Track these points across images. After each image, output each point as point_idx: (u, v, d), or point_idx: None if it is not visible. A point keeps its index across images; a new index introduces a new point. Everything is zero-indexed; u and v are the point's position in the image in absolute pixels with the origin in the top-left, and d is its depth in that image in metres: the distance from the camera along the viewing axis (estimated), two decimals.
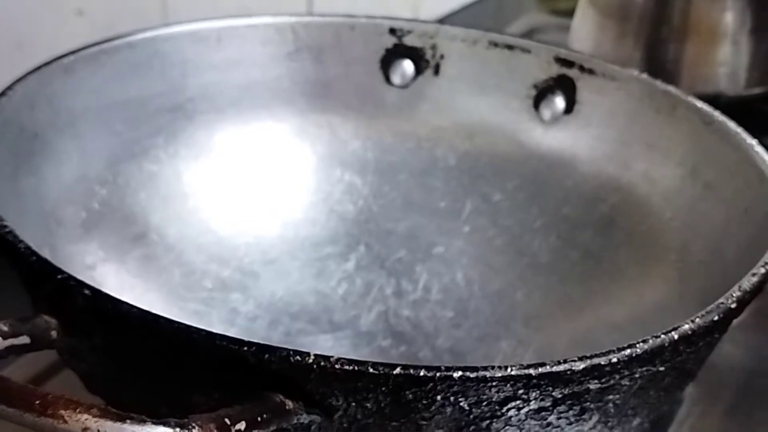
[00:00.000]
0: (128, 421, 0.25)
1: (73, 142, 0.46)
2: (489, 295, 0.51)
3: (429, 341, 0.49)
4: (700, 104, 0.48)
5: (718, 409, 0.48)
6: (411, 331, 0.49)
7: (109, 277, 0.45)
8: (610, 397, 0.32)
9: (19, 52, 0.57)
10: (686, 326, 0.32)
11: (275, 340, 0.47)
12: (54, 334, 0.31)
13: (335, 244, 0.53)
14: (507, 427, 0.31)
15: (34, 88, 0.43)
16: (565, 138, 0.52)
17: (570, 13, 0.78)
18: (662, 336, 0.32)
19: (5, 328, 0.30)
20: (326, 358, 0.29)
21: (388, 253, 0.53)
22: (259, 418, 0.28)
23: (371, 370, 0.29)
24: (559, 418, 0.32)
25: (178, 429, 0.26)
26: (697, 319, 0.33)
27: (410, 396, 0.29)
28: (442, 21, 0.85)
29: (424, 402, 0.30)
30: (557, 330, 0.47)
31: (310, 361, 0.29)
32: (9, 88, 0.42)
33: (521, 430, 0.31)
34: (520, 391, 0.30)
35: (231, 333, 0.30)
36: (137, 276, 0.47)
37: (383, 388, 0.29)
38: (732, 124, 0.46)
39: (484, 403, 0.30)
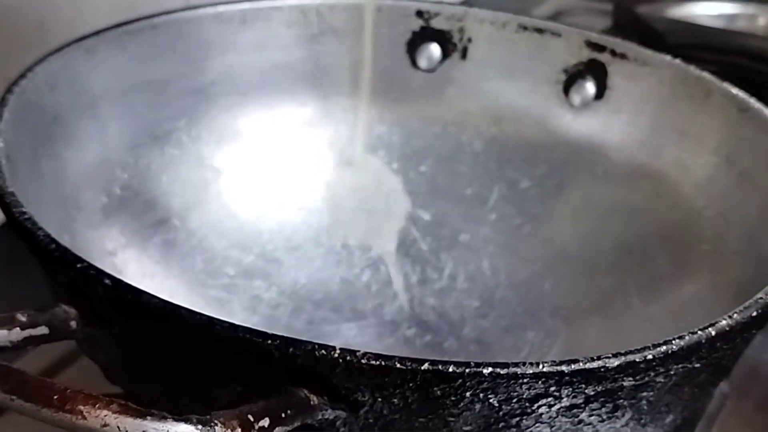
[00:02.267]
0: (149, 417, 0.24)
1: (94, 124, 0.45)
2: (516, 285, 0.50)
3: (454, 331, 0.48)
4: (735, 90, 0.46)
5: (749, 403, 0.47)
6: (436, 321, 0.49)
7: (129, 263, 0.44)
8: (644, 394, 0.31)
9: (41, 32, 0.57)
10: (723, 322, 0.31)
11: (298, 328, 0.47)
12: (73, 324, 0.31)
13: None
14: (537, 425, 0.30)
15: (55, 69, 0.43)
16: (596, 124, 0.51)
17: None
18: (699, 332, 0.31)
19: (23, 319, 0.29)
20: (352, 352, 0.28)
21: (413, 240, 0.52)
22: (283, 414, 0.27)
23: (398, 365, 0.28)
24: (591, 416, 0.31)
25: (200, 426, 0.25)
26: (735, 315, 0.32)
27: (438, 392, 0.29)
28: (468, 3, 0.84)
29: (453, 398, 0.29)
30: (586, 321, 0.47)
31: (336, 355, 0.28)
32: (29, 69, 0.41)
33: (552, 427, 0.31)
34: (552, 388, 0.29)
35: (253, 321, 0.30)
36: (158, 262, 0.46)
37: (411, 384, 0.28)
38: None
39: (515, 400, 0.29)
